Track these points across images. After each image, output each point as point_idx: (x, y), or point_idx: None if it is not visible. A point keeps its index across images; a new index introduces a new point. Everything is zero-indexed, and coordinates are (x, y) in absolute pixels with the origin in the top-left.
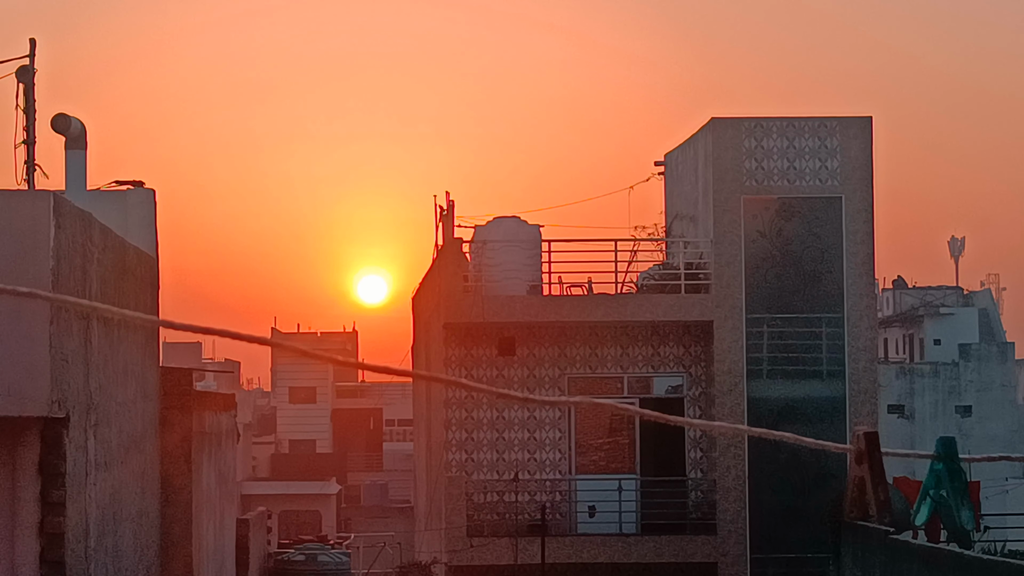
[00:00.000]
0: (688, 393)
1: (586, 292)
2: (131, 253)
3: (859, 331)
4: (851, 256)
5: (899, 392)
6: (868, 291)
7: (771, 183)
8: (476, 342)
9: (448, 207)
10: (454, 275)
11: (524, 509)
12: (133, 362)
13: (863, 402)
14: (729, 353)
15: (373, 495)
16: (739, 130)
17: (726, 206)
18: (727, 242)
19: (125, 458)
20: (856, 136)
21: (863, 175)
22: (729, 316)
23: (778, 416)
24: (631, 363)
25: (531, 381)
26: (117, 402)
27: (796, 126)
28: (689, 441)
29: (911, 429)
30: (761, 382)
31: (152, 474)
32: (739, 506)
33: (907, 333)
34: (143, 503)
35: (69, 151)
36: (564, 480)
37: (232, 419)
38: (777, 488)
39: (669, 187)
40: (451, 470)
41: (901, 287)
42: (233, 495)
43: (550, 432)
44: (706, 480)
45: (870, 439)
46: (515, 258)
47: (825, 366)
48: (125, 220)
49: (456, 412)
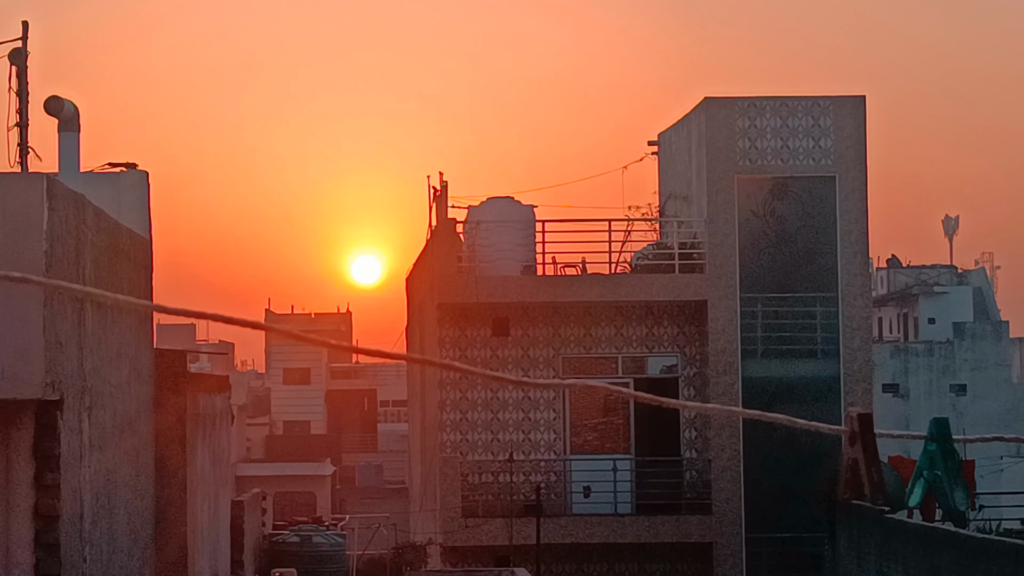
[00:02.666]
0: (683, 373)
1: (580, 272)
2: (124, 235)
3: (853, 310)
4: (845, 235)
5: (893, 371)
6: (862, 270)
7: (765, 162)
8: (470, 322)
9: (442, 187)
10: (448, 255)
11: (519, 490)
12: (127, 344)
13: (858, 381)
14: (723, 333)
15: (368, 476)
16: (732, 109)
17: (720, 185)
18: (721, 221)
19: (119, 440)
20: (850, 115)
21: (857, 154)
22: (723, 296)
23: (772, 396)
24: (625, 343)
25: (525, 361)
26: (111, 384)
27: (789, 105)
28: (684, 421)
29: (905, 408)
30: (755, 362)
31: (146, 456)
32: (734, 486)
33: (901, 312)
34: (138, 485)
35: (62, 133)
36: (559, 460)
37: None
38: (772, 467)
39: (663, 167)
40: (445, 451)
41: (895, 266)
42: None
43: (545, 412)
44: (701, 460)
45: (863, 420)
46: (509, 238)
47: (819, 345)
48: (118, 202)
49: (450, 393)
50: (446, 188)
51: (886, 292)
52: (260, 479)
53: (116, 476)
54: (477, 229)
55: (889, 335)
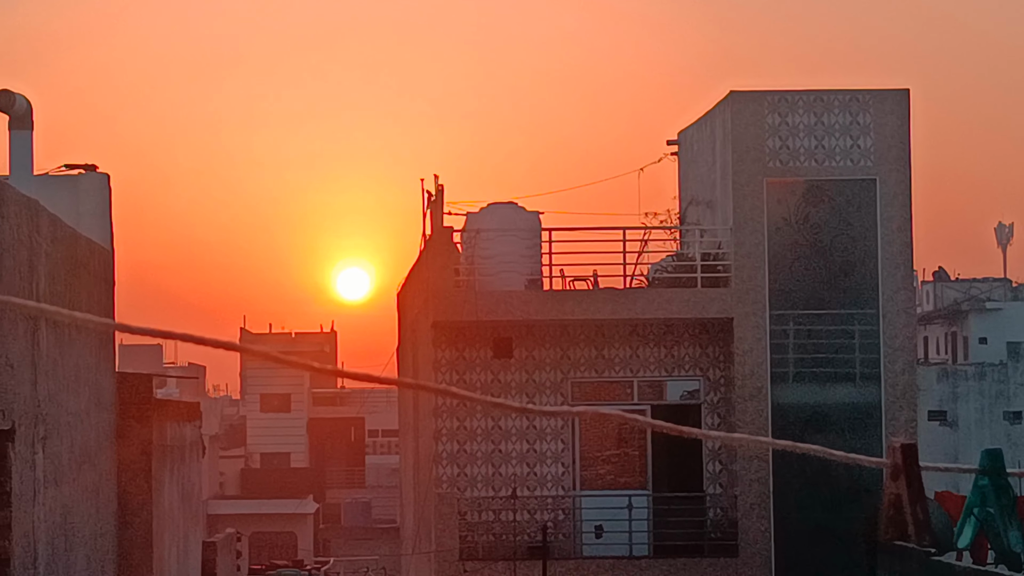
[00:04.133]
0: (705, 399)
1: (591, 286)
2: (83, 245)
3: (896, 329)
4: (887, 245)
5: (941, 397)
6: (906, 284)
7: (797, 164)
8: (469, 343)
9: (437, 192)
10: (444, 268)
11: (523, 529)
12: (86, 367)
13: (901, 408)
14: (751, 354)
15: (354, 514)
16: (761, 105)
17: (747, 190)
18: (748, 230)
19: (77, 474)
20: (892, 111)
21: (900, 154)
22: (751, 313)
23: (806, 424)
24: (642, 366)
25: (530, 386)
26: (68, 412)
27: (825, 100)
28: (707, 452)
29: (954, 438)
30: (787, 386)
31: (108, 492)
32: (763, 525)
33: (950, 331)
34: (98, 524)
35: (13, 131)
36: (567, 497)
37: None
38: (805, 505)
39: (683, 169)
40: (441, 486)
41: (943, 279)
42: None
43: (552, 443)
44: (726, 496)
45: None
46: (512, 249)
47: (858, 368)
48: (76, 208)
49: (447, 422)
50: (442, 193)
51: (932, 308)
52: (234, 518)
53: (74, 514)
54: (476, 238)
55: (936, 356)
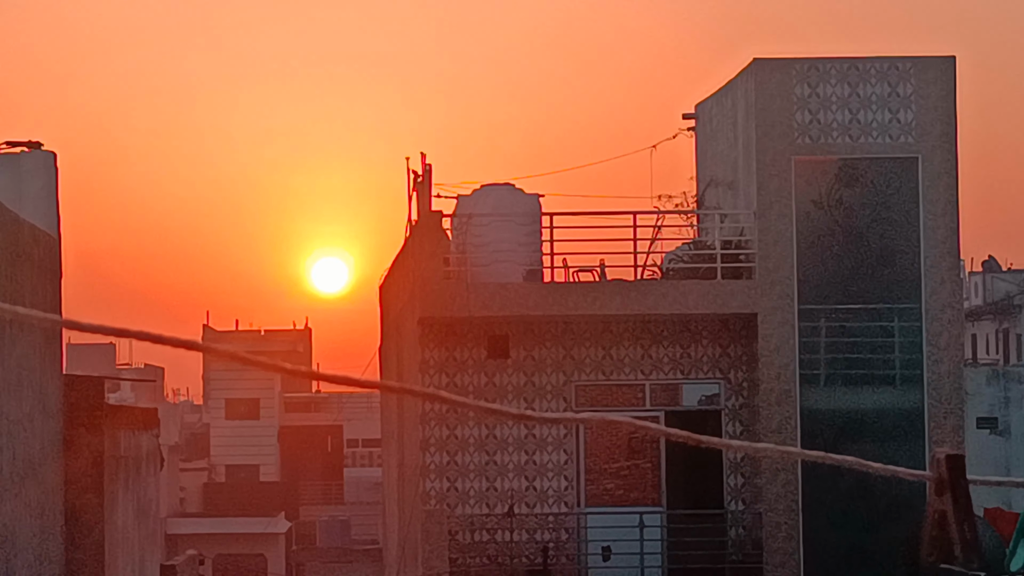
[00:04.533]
0: (726, 404)
1: (597, 278)
2: (26, 232)
3: (940, 325)
4: (930, 231)
5: (991, 402)
6: (952, 275)
7: (829, 140)
8: (460, 342)
9: (424, 172)
10: (432, 257)
11: (521, 551)
12: (29, 369)
13: (946, 415)
14: (777, 354)
15: (332, 534)
16: (789, 74)
17: (772, 170)
18: (774, 215)
19: (19, 489)
20: (936, 80)
21: (945, 129)
22: (777, 308)
23: (839, 433)
24: (654, 367)
25: (529, 390)
26: (9, 419)
27: (860, 68)
28: (728, 464)
29: (1006, 448)
30: (818, 390)
31: (54, 508)
32: (791, 545)
33: (1001, 327)
34: (43, 544)
35: None
36: (571, 514)
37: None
38: (839, 522)
39: (701, 146)
40: (429, 502)
41: (993, 270)
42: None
43: (553, 454)
44: (749, 513)
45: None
46: (508, 236)
47: (898, 370)
48: (19, 190)
49: (435, 430)
50: (429, 173)
51: (982, 303)
52: (197, 538)
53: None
54: (468, 224)
55: (985, 356)
